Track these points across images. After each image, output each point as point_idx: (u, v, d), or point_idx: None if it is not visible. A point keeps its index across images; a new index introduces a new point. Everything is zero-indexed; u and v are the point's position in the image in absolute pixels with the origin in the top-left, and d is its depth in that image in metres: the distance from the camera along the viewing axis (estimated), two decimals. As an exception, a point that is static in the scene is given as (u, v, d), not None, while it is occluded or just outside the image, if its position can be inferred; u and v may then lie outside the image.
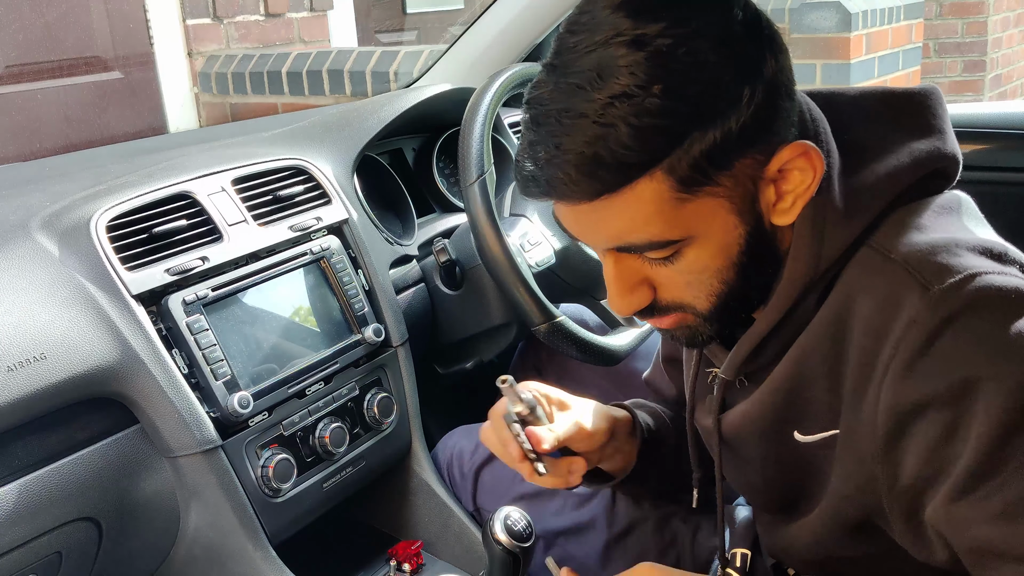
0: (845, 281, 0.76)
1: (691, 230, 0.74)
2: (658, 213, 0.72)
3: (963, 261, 0.71)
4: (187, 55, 3.08)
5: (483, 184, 1.23)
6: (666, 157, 0.69)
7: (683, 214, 0.72)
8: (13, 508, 0.93)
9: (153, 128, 3.04)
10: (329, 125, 1.41)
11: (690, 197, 0.71)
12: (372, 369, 1.25)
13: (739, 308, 0.81)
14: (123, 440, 1.03)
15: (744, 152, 0.71)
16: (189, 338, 1.05)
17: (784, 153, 0.73)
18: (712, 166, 0.70)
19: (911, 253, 0.73)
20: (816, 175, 0.74)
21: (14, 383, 0.91)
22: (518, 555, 0.94)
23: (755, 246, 0.76)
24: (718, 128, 0.69)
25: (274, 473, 1.09)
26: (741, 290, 0.78)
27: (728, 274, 0.77)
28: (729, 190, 0.73)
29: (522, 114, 0.75)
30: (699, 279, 0.77)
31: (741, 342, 0.83)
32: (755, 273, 0.78)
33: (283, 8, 3.22)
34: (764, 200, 0.75)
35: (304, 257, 1.20)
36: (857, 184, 0.77)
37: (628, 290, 0.79)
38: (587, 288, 1.40)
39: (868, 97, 0.82)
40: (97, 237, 1.04)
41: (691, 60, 0.68)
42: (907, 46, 3.48)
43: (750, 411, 0.86)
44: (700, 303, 0.79)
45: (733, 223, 0.74)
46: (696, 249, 0.75)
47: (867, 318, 0.73)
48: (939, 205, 0.77)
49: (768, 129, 0.72)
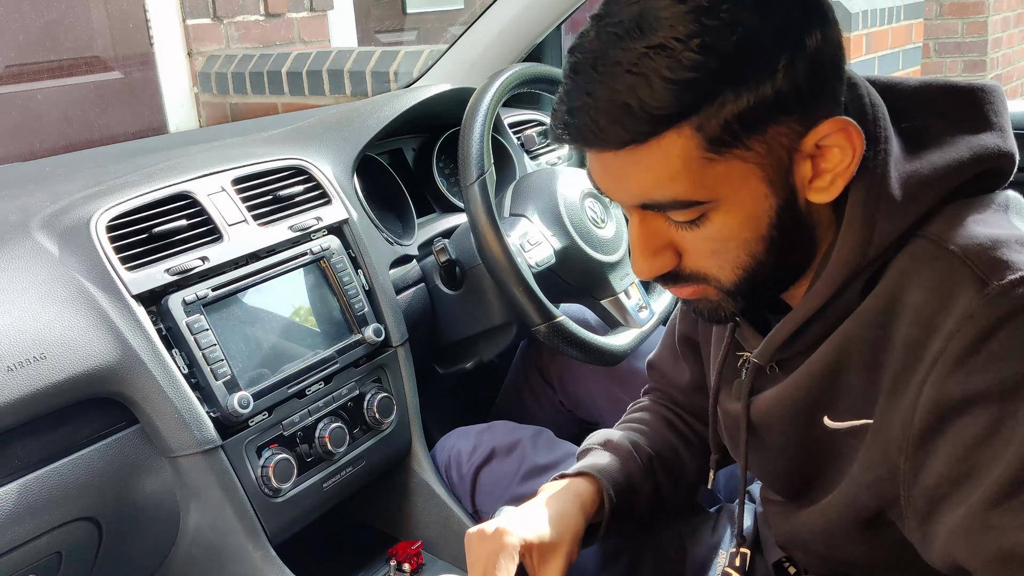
0: (896, 269, 0.74)
1: (718, 193, 0.72)
2: (685, 170, 0.71)
3: (1022, 259, 0.69)
4: (187, 55, 3.08)
5: (483, 184, 1.23)
6: (696, 113, 0.68)
7: (710, 175, 0.71)
8: (13, 508, 0.93)
9: (153, 128, 3.04)
10: (329, 125, 1.41)
11: (718, 158, 0.70)
12: (372, 369, 1.25)
13: (765, 287, 0.79)
14: (123, 440, 1.03)
15: (778, 119, 0.70)
16: (189, 338, 1.05)
17: (823, 127, 0.71)
18: (743, 128, 0.69)
19: (969, 246, 0.71)
20: (856, 154, 0.72)
21: (14, 383, 0.91)
22: (518, 555, 0.94)
23: (787, 222, 0.75)
24: (752, 91, 0.68)
25: (274, 473, 1.09)
26: (769, 267, 0.76)
27: (756, 247, 0.75)
28: (761, 157, 0.71)
29: (563, 63, 0.76)
30: (725, 248, 0.75)
31: (779, 327, 0.81)
32: (786, 251, 0.76)
33: (283, 8, 3.22)
34: (799, 175, 0.74)
35: (304, 257, 1.20)
36: (914, 174, 0.75)
37: (651, 252, 0.77)
38: (587, 288, 1.41)
39: (929, 89, 0.81)
40: (97, 237, 1.04)
41: (731, 19, 0.67)
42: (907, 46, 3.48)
43: (781, 396, 0.84)
44: (725, 275, 0.77)
45: (764, 192, 0.73)
46: (723, 215, 0.74)
47: (917, 307, 0.72)
48: (996, 202, 0.76)
49: (807, 101, 0.70)
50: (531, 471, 1.20)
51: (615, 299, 1.41)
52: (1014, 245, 0.71)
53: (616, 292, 1.41)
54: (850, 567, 0.89)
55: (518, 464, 1.21)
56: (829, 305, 0.78)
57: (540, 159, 1.70)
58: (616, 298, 1.41)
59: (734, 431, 0.94)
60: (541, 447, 1.23)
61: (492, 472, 1.22)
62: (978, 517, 0.69)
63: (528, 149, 1.68)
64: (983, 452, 0.69)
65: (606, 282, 1.40)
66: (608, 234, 1.41)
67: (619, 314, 1.41)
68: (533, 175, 1.43)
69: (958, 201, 0.76)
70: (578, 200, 1.39)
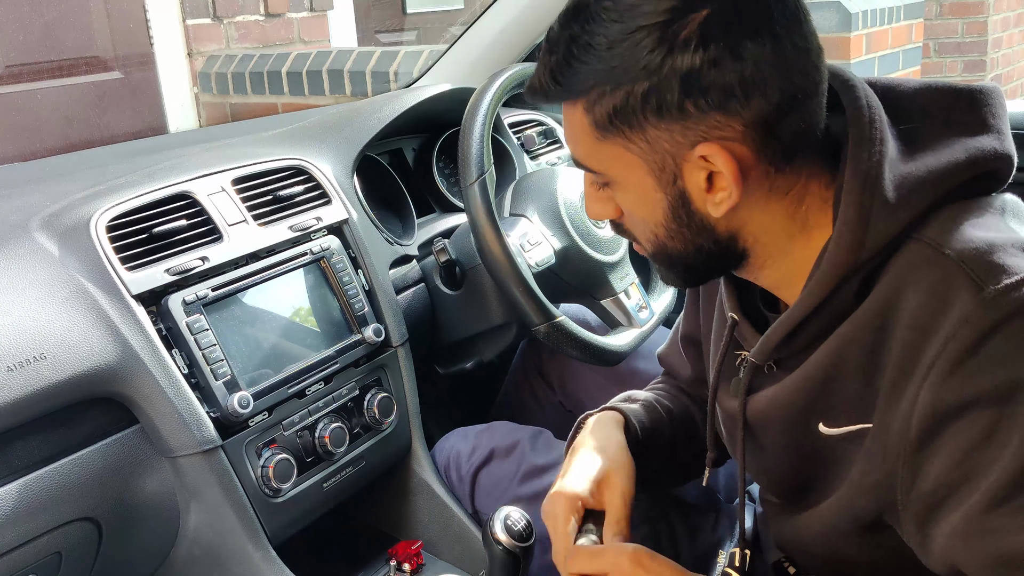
0: (892, 273, 0.75)
1: (609, 170, 0.80)
2: (583, 139, 0.80)
3: (1020, 263, 0.69)
4: (187, 55, 3.08)
5: (483, 184, 1.23)
6: (584, 96, 0.77)
7: (601, 151, 0.79)
8: (13, 508, 0.93)
9: (153, 128, 3.04)
10: (329, 125, 1.41)
11: (604, 140, 0.78)
12: (372, 369, 1.25)
13: (687, 269, 0.85)
14: (123, 440, 1.03)
15: (655, 124, 0.75)
16: (189, 338, 1.05)
17: (700, 147, 0.75)
18: (620, 121, 0.76)
19: (966, 250, 0.71)
20: (735, 184, 0.75)
21: (14, 383, 0.91)
22: (518, 555, 0.94)
23: (684, 218, 0.80)
24: (626, 91, 0.74)
25: (274, 473, 1.09)
26: (678, 254, 0.83)
27: (657, 230, 0.82)
28: (644, 152, 0.77)
29: None
30: (633, 221, 0.84)
31: (775, 326, 0.82)
32: (691, 243, 0.81)
33: (283, 8, 3.22)
34: (692, 183, 0.77)
35: (304, 257, 1.20)
36: (908, 176, 0.76)
37: (594, 198, 0.86)
38: (587, 288, 1.40)
39: (929, 91, 0.81)
40: (97, 237, 1.04)
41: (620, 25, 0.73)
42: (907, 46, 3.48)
43: (778, 397, 0.85)
44: (643, 242, 0.85)
45: (651, 186, 0.79)
46: (620, 192, 0.82)
47: (914, 312, 0.72)
48: (993, 206, 0.76)
49: (681, 117, 0.74)
50: (530, 472, 1.20)
51: (615, 299, 1.41)
52: (1010, 249, 0.71)
53: (616, 292, 1.41)
54: (850, 569, 0.89)
55: (517, 465, 1.21)
56: (824, 305, 0.78)
57: (540, 159, 1.70)
58: (616, 298, 1.41)
59: (732, 429, 0.94)
60: (540, 448, 1.23)
61: (491, 473, 1.22)
62: (976, 521, 0.69)
63: (528, 149, 1.68)
64: (980, 456, 0.69)
65: (606, 282, 1.40)
66: (608, 234, 1.41)
67: (619, 314, 1.41)
68: (533, 175, 1.43)
69: (955, 204, 0.76)
70: (578, 200, 1.39)
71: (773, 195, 0.78)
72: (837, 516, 0.83)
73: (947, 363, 0.70)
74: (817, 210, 0.79)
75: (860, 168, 0.75)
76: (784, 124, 0.75)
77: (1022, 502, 0.67)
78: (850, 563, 0.88)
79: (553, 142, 1.76)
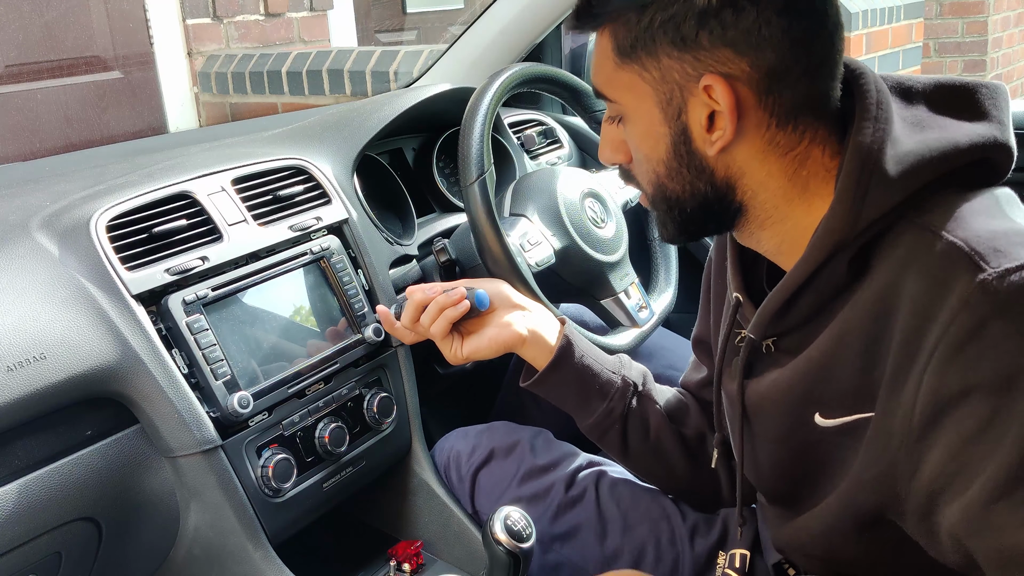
0: (893, 259, 0.76)
1: (622, 99, 0.86)
2: (604, 65, 0.86)
3: (1020, 250, 0.70)
4: (187, 55, 3.08)
5: (483, 184, 1.23)
6: (612, 21, 0.83)
7: (618, 79, 0.85)
8: (13, 508, 0.93)
9: (153, 128, 3.04)
10: (329, 125, 1.41)
11: (623, 66, 0.84)
12: (372, 369, 1.25)
13: (683, 217, 0.87)
14: (123, 440, 1.03)
15: (669, 52, 0.80)
16: (189, 338, 1.05)
17: (707, 78, 0.79)
18: (640, 47, 0.82)
19: (968, 236, 0.72)
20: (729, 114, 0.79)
21: (14, 383, 0.91)
22: (518, 555, 0.94)
23: (684, 156, 0.83)
24: (647, 16, 0.80)
25: (274, 473, 1.09)
26: (676, 195, 0.86)
27: (659, 168, 0.86)
28: (656, 81, 0.82)
29: None
30: (638, 158, 0.88)
31: (770, 296, 0.84)
32: (689, 185, 0.85)
33: (283, 8, 3.22)
34: (693, 118, 0.81)
35: (304, 257, 1.20)
36: (909, 153, 0.77)
37: (608, 145, 0.92)
38: (587, 288, 1.40)
39: (936, 85, 0.84)
40: (97, 237, 1.04)
41: None
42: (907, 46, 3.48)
43: (779, 382, 0.86)
44: (644, 184, 0.89)
45: (658, 118, 0.83)
46: (630, 124, 0.87)
47: (915, 297, 0.73)
48: (994, 195, 0.78)
49: (693, 47, 0.79)
50: (530, 472, 1.20)
51: (615, 299, 1.41)
52: (1011, 236, 0.71)
53: (616, 292, 1.41)
54: (850, 569, 0.89)
55: (517, 465, 1.21)
56: (818, 276, 0.80)
57: (540, 159, 1.70)
58: (616, 298, 1.41)
59: (732, 415, 0.95)
60: (540, 448, 1.23)
61: (491, 473, 1.22)
62: (977, 513, 0.69)
63: (528, 149, 1.68)
64: (979, 447, 0.69)
65: (606, 282, 1.40)
66: (608, 234, 1.41)
67: (619, 314, 1.41)
68: (533, 175, 1.43)
69: (956, 192, 0.77)
70: (578, 200, 1.39)
71: (772, 151, 0.81)
72: (837, 515, 0.83)
73: (948, 348, 0.70)
74: (819, 179, 0.81)
75: (863, 141, 0.77)
76: (790, 81, 0.78)
77: (1021, 496, 0.67)
78: (850, 564, 0.88)
79: (553, 142, 1.76)
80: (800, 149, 0.81)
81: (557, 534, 1.15)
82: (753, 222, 0.85)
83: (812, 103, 0.80)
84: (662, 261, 1.55)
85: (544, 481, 1.18)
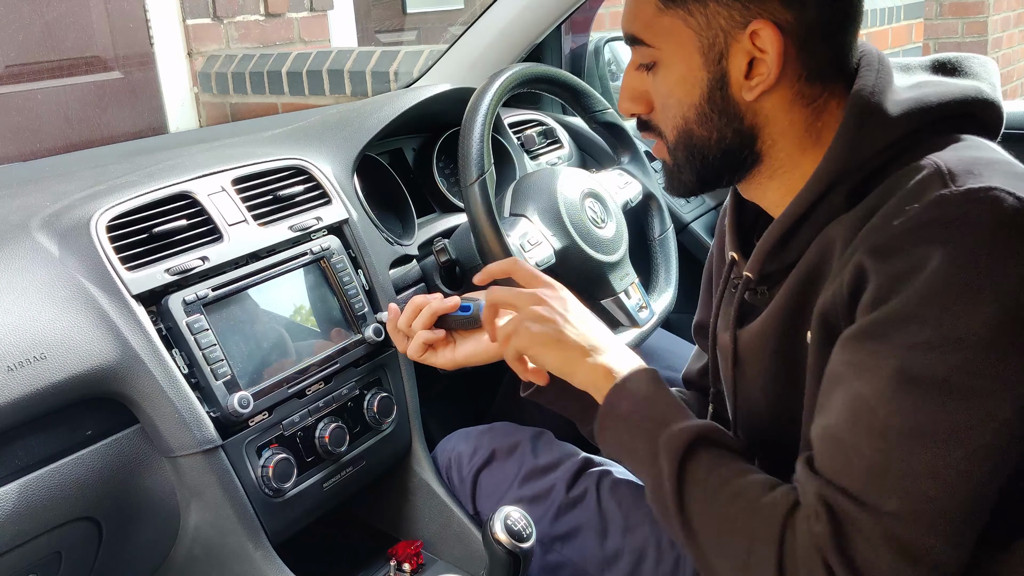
0: (884, 185, 0.80)
1: (661, 44, 0.87)
2: (644, 11, 0.87)
3: (994, 178, 0.73)
4: (187, 55, 3.08)
5: (483, 184, 1.23)
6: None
7: (659, 24, 0.87)
8: (13, 508, 0.93)
9: (153, 128, 3.04)
10: (329, 125, 1.41)
11: (667, 11, 0.86)
12: (372, 369, 1.25)
13: (705, 164, 0.90)
14: (123, 440, 1.03)
15: None
16: (189, 338, 1.05)
17: (755, 24, 0.82)
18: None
19: (949, 159, 0.77)
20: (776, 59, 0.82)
21: (14, 383, 0.91)
22: (518, 555, 0.94)
23: (718, 102, 0.86)
24: None
25: (274, 473, 1.09)
26: (702, 141, 0.88)
27: (689, 113, 0.88)
28: (700, 27, 0.84)
29: None
30: (667, 103, 0.89)
31: (769, 230, 0.88)
32: (720, 133, 0.87)
33: (283, 8, 3.22)
34: (734, 64, 0.85)
35: (304, 257, 1.20)
36: (908, 99, 0.83)
37: (629, 95, 0.92)
38: (587, 288, 1.40)
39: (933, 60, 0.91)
40: (97, 237, 1.04)
41: None
42: (907, 46, 3.48)
43: (768, 316, 0.89)
44: (668, 131, 0.90)
45: (698, 63, 0.86)
46: (665, 70, 0.88)
47: (890, 206, 0.77)
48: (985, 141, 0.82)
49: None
50: (531, 473, 1.20)
51: (615, 299, 1.41)
52: (993, 165, 0.76)
53: (616, 292, 1.41)
54: None
55: (518, 466, 1.21)
56: (815, 208, 0.84)
57: (540, 159, 1.70)
58: (616, 298, 1.41)
59: (724, 366, 0.97)
60: (541, 449, 1.23)
61: (492, 474, 1.22)
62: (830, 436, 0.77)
63: (528, 149, 1.68)
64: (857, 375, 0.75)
65: (606, 282, 1.40)
66: (608, 234, 1.41)
67: (619, 314, 1.41)
68: (533, 175, 1.43)
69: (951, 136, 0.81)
70: (578, 200, 1.39)
71: (798, 101, 0.86)
72: None
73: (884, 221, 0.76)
74: (831, 129, 0.86)
75: (865, 85, 0.83)
76: (826, 36, 0.84)
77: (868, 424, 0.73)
78: None
79: (553, 142, 1.76)
80: (820, 101, 0.86)
81: (558, 534, 1.15)
82: (765, 172, 0.90)
83: (839, 59, 0.86)
84: (662, 261, 1.55)
85: (545, 482, 1.18)
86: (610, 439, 0.93)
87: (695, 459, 0.84)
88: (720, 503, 0.82)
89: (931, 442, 0.71)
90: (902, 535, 0.71)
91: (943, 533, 0.71)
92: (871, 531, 0.72)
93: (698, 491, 0.83)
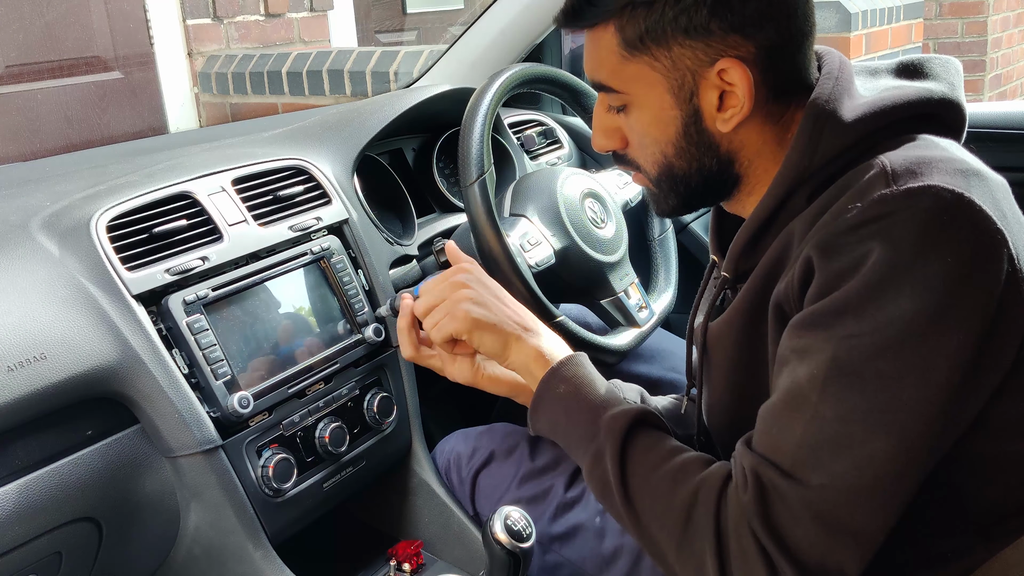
0: (838, 184, 0.83)
1: (630, 89, 0.89)
2: (608, 60, 0.89)
3: (935, 177, 0.76)
4: (187, 55, 3.08)
5: (483, 184, 1.23)
6: (617, 16, 0.87)
7: (625, 71, 0.88)
8: (13, 508, 0.93)
9: (153, 128, 3.04)
10: (329, 125, 1.41)
11: (631, 58, 0.88)
12: (372, 369, 1.25)
13: (689, 191, 0.93)
14: (123, 440, 1.03)
15: (680, 42, 0.85)
16: (189, 338, 1.05)
17: (721, 63, 0.85)
18: (651, 39, 0.86)
19: (895, 159, 0.79)
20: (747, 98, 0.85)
21: (14, 383, 0.91)
22: (518, 555, 0.94)
23: (694, 136, 0.89)
24: (657, 12, 0.85)
25: (274, 473, 1.09)
26: (683, 172, 0.91)
27: (667, 149, 0.91)
28: (667, 69, 0.87)
29: None
30: (643, 142, 0.92)
31: (739, 233, 0.91)
32: (701, 165, 0.90)
33: (283, 8, 3.22)
34: (706, 100, 0.87)
35: (304, 257, 1.20)
36: (865, 103, 0.86)
37: (603, 133, 0.95)
38: (587, 288, 1.40)
39: (898, 63, 0.94)
40: (97, 237, 1.04)
41: None
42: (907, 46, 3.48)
43: (733, 308, 0.92)
44: (648, 167, 0.93)
45: (669, 103, 0.88)
46: (637, 110, 0.90)
47: (839, 204, 0.80)
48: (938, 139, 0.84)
49: (706, 35, 0.84)
50: (530, 473, 1.20)
51: (615, 299, 1.41)
52: (937, 163, 0.78)
53: (616, 292, 1.41)
54: None
55: (517, 467, 1.21)
56: (780, 210, 0.87)
57: (540, 159, 1.70)
58: (616, 298, 1.41)
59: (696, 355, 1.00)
60: (540, 449, 1.23)
61: (491, 475, 1.22)
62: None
63: (528, 149, 1.68)
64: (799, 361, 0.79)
65: (606, 282, 1.40)
66: (608, 234, 1.41)
67: (619, 314, 1.41)
68: (533, 175, 1.43)
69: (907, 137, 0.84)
70: (578, 200, 1.39)
71: (768, 121, 0.89)
72: None
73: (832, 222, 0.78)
74: (756, 137, 0.90)
75: (822, 93, 0.86)
76: (786, 56, 0.87)
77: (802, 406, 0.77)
78: None
79: (553, 142, 1.76)
80: (787, 115, 0.89)
81: (556, 535, 1.15)
82: (745, 189, 0.93)
83: (799, 73, 0.89)
84: (662, 261, 1.55)
85: (544, 482, 1.18)
86: (544, 418, 0.99)
87: (635, 439, 0.90)
88: (659, 478, 0.86)
89: (858, 426, 0.75)
90: (823, 507, 0.75)
91: (864, 508, 0.76)
92: (794, 501, 0.76)
93: (639, 468, 0.88)
